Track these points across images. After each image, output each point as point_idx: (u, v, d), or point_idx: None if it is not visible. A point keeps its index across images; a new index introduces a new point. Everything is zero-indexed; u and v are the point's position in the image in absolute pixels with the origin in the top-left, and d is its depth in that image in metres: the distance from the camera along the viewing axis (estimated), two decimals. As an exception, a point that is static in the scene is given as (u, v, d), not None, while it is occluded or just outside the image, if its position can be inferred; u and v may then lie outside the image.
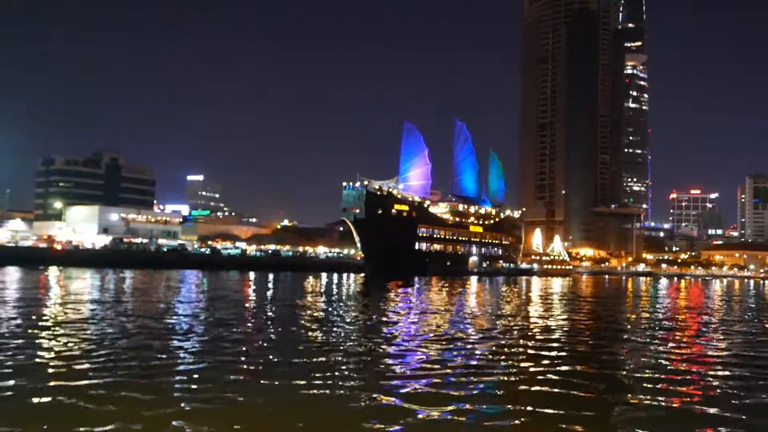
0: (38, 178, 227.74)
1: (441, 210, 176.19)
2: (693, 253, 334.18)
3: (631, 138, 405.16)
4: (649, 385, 18.15)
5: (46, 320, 29.22)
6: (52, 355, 20.00)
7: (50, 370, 17.58)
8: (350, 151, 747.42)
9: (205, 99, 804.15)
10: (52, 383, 15.83)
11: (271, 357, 20.88)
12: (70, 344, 22.11)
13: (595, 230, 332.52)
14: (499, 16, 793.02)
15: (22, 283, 57.63)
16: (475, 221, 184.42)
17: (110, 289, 54.97)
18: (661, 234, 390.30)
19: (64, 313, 32.56)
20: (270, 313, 37.57)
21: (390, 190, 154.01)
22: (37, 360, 19.13)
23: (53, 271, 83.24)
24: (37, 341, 22.55)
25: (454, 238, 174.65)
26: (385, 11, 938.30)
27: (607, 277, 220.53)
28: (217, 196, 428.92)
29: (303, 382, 16.69)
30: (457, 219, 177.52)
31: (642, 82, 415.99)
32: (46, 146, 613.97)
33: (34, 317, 29.97)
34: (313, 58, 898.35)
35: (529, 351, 24.27)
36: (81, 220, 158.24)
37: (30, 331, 25.27)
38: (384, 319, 35.86)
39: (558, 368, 20.35)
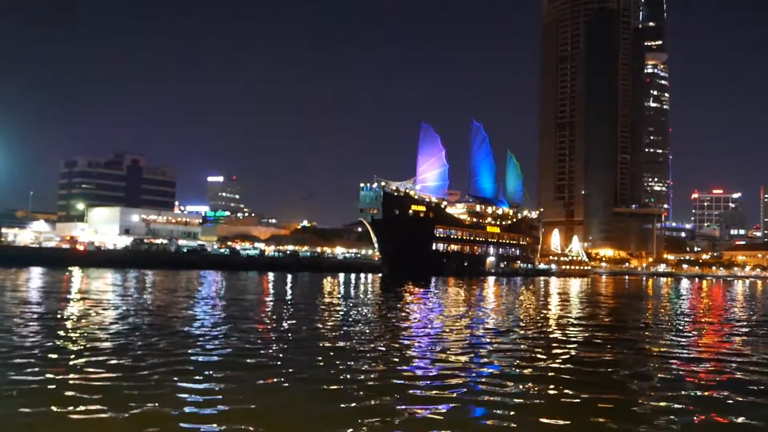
0: (61, 179, 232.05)
1: (458, 211, 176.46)
2: (715, 254, 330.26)
3: (651, 137, 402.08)
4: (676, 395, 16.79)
5: (75, 317, 30.20)
6: (77, 348, 20.92)
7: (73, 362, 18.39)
8: (369, 152, 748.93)
9: (227, 100, 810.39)
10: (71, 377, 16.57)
11: (292, 357, 20.73)
12: (96, 340, 22.99)
13: (615, 230, 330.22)
14: (517, 15, 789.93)
15: (47, 283, 59.05)
16: (493, 222, 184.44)
17: (133, 288, 56.20)
18: (683, 234, 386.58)
19: (95, 312, 33.41)
20: (291, 313, 37.99)
21: (407, 190, 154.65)
22: (64, 351, 20.10)
23: (76, 272, 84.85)
24: (63, 336, 23.48)
25: (471, 238, 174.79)
26: (401, 12, 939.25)
27: (627, 277, 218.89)
28: (237, 197, 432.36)
29: (322, 384, 16.51)
30: (475, 220, 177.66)
31: (662, 82, 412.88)
32: (68, 148, 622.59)
33: (62, 314, 31.06)
34: (332, 58, 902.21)
35: (552, 352, 23.79)
36: (103, 221, 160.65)
37: (55, 326, 26.25)
38: (401, 319, 35.84)
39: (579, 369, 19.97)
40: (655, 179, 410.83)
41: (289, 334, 27.10)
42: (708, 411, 15.11)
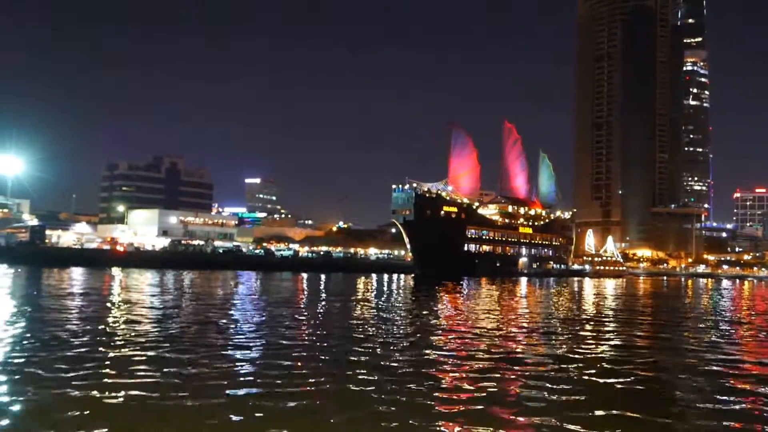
0: (102, 182, 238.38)
1: (490, 211, 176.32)
2: (757, 254, 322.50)
3: (691, 136, 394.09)
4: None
5: (123, 315, 31.85)
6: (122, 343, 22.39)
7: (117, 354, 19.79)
8: (402, 153, 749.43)
9: (266, 102, 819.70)
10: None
11: (327, 359, 20.70)
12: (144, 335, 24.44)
13: (653, 231, 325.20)
14: (550, 15, 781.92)
15: (89, 282, 61.33)
16: (525, 222, 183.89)
17: (173, 287, 58.15)
18: (723, 234, 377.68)
19: (139, 310, 35.08)
20: (326, 313, 38.69)
21: (439, 192, 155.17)
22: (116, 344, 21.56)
23: (116, 272, 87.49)
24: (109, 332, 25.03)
25: (504, 239, 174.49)
26: (433, 11, 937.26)
27: (665, 278, 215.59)
28: (274, 198, 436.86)
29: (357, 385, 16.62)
30: (507, 220, 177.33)
31: (702, 79, 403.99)
32: (109, 151, 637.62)
33: (113, 311, 32.75)
34: (366, 58, 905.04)
35: (590, 355, 23.36)
36: (142, 223, 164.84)
37: (103, 323, 27.86)
38: (436, 320, 35.69)
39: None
40: (695, 178, 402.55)
41: (327, 338, 26.14)
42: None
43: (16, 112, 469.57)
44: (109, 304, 37.97)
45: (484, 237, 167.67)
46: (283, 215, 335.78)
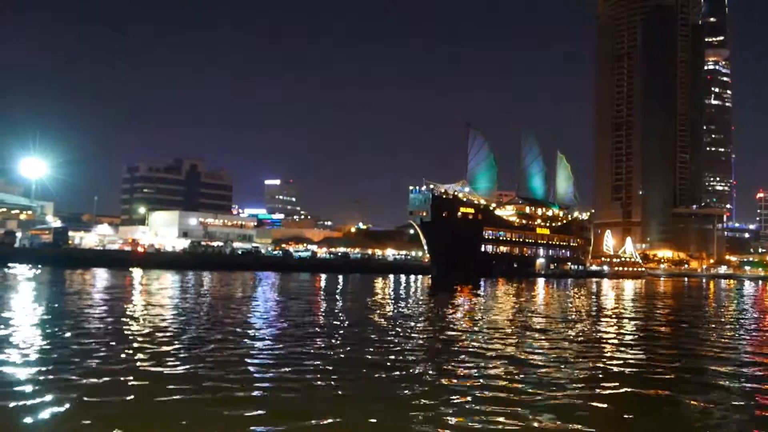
0: (124, 184, 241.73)
1: (507, 212, 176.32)
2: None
3: (713, 136, 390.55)
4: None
5: (146, 313, 32.81)
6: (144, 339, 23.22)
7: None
8: (420, 154, 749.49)
9: (284, 104, 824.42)
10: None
11: (346, 358, 20.79)
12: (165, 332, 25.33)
13: (674, 231, 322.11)
14: (569, 15, 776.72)
15: (111, 282, 62.63)
16: (542, 223, 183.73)
17: (194, 287, 59.21)
18: (746, 235, 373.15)
19: (161, 308, 36.14)
20: (343, 313, 39.04)
21: (456, 193, 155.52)
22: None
23: (137, 273, 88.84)
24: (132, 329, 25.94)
25: (521, 240, 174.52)
26: (450, 12, 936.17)
27: (686, 279, 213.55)
28: (293, 199, 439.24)
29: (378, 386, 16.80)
30: (524, 221, 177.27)
31: (724, 78, 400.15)
32: (130, 153, 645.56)
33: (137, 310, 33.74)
34: (385, 59, 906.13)
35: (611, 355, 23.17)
36: (163, 225, 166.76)
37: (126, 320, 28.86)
38: (453, 322, 35.28)
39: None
40: (717, 179, 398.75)
41: (344, 339, 26.10)
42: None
43: (39, 115, 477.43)
44: (132, 304, 38.94)
45: (501, 238, 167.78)
46: (302, 216, 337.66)
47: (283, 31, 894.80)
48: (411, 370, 18.66)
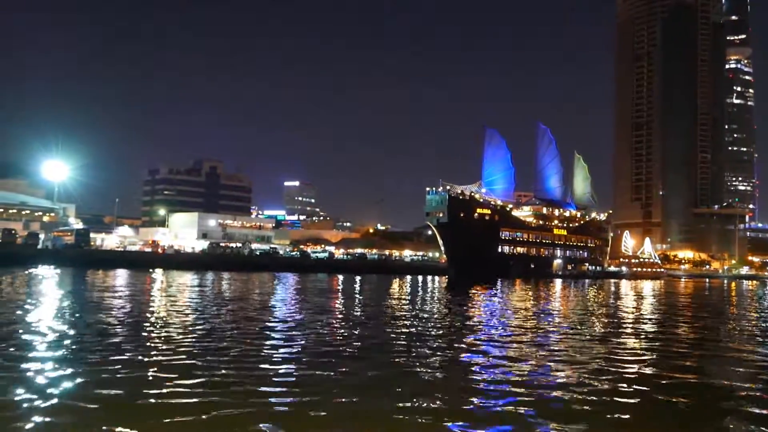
0: (144, 186, 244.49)
1: (524, 213, 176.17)
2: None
3: (735, 135, 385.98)
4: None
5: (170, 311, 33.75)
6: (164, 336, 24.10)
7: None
8: (438, 155, 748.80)
9: (303, 105, 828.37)
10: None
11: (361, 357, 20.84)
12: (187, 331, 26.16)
13: (695, 232, 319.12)
14: (586, 15, 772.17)
15: (133, 283, 63.86)
16: (559, 224, 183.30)
17: (211, 286, 60.22)
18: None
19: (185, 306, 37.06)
20: (362, 312, 39.42)
21: (472, 194, 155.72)
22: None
23: (157, 273, 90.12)
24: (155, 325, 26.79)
25: (538, 240, 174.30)
26: (465, 12, 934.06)
27: (707, 280, 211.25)
28: (312, 200, 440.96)
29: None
30: (541, 222, 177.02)
31: (746, 77, 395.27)
32: (151, 154, 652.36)
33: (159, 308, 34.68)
34: (402, 60, 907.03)
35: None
36: (183, 226, 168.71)
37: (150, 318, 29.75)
38: (471, 322, 35.11)
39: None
40: (740, 178, 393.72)
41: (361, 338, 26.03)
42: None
43: (62, 119, 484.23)
44: (153, 303, 39.91)
45: (518, 239, 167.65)
46: (321, 218, 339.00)
47: (304, 31, 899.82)
48: (432, 380, 18.05)
